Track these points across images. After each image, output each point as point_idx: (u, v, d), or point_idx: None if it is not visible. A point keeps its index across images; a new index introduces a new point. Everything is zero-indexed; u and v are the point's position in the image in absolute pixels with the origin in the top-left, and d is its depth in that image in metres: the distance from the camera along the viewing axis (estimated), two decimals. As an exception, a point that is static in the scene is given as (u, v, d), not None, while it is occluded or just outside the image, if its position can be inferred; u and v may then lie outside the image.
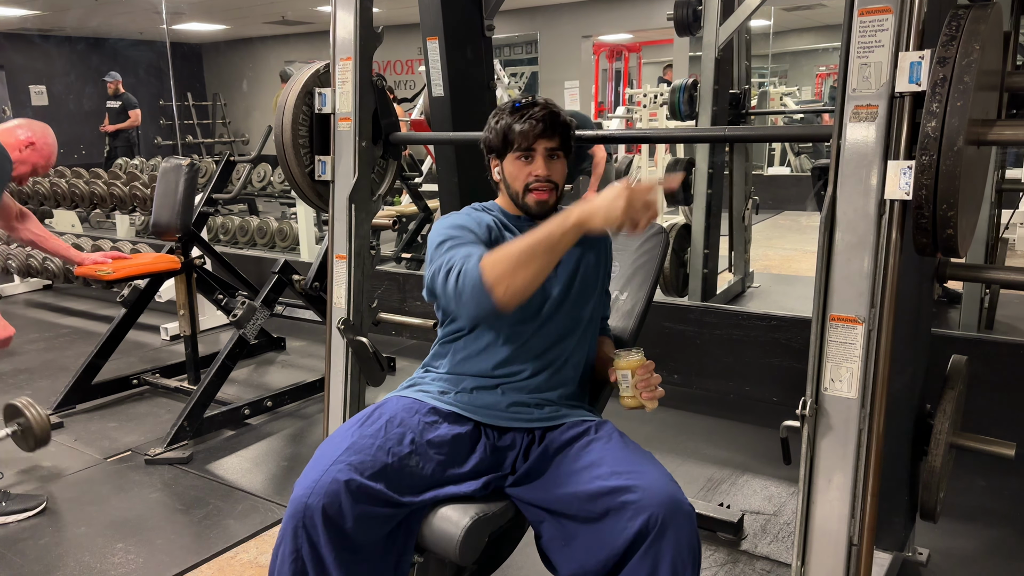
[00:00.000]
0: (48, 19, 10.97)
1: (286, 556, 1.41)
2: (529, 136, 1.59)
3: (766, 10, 9.60)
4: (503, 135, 1.62)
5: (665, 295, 4.25)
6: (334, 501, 1.39)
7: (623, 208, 1.36)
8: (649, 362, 1.58)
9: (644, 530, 1.37)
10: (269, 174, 6.70)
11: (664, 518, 1.36)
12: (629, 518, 1.38)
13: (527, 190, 1.62)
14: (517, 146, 1.61)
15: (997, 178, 3.55)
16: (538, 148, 1.61)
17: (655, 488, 1.40)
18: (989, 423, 2.71)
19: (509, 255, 1.37)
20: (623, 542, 1.38)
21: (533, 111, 1.60)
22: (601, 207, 1.37)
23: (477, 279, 1.37)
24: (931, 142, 1.28)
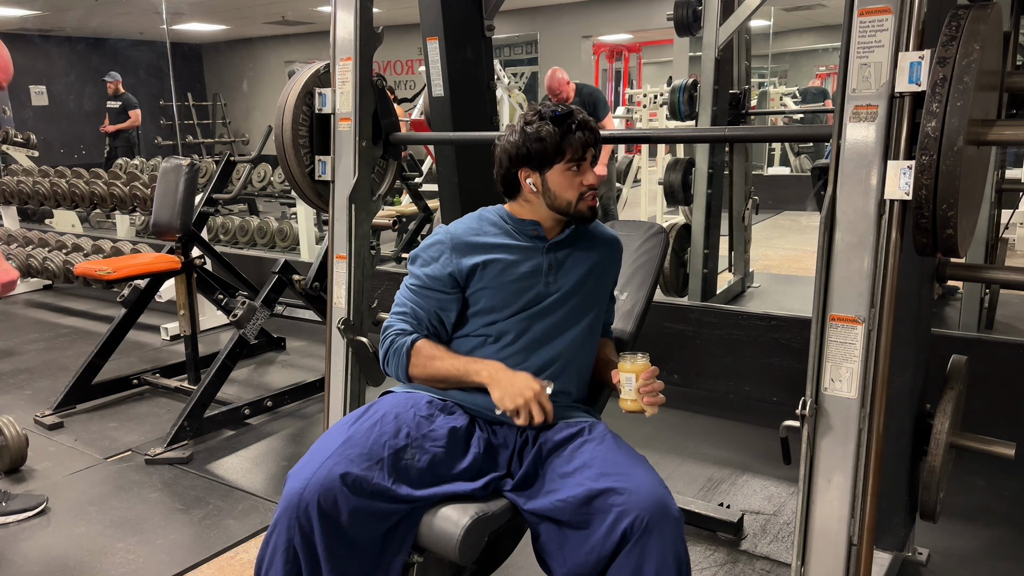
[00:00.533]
0: (48, 19, 10.97)
1: (278, 547, 1.41)
2: (585, 147, 1.60)
3: (766, 10, 9.60)
4: (556, 145, 1.58)
5: (665, 295, 4.25)
6: (329, 494, 1.39)
7: (520, 402, 1.53)
8: (654, 368, 1.58)
9: (629, 531, 1.37)
10: (269, 174, 6.71)
11: (649, 521, 1.36)
12: (615, 520, 1.38)
13: (581, 199, 1.63)
14: (570, 156, 1.59)
15: (997, 178, 3.55)
16: (588, 158, 1.62)
17: (642, 491, 1.40)
18: (989, 423, 2.72)
19: (432, 372, 1.64)
20: (611, 544, 1.38)
21: (578, 120, 1.59)
22: (506, 388, 1.55)
23: (403, 365, 1.66)
24: (931, 142, 1.28)
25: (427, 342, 1.65)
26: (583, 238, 1.72)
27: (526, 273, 1.64)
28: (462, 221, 1.72)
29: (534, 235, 1.67)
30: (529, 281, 1.64)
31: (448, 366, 1.62)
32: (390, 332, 1.68)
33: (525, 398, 1.52)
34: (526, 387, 1.53)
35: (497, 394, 1.55)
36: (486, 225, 1.69)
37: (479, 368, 1.59)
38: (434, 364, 1.63)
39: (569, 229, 1.70)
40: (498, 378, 1.56)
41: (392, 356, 1.67)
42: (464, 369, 1.60)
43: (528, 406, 1.52)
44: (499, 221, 1.70)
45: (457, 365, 1.61)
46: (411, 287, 1.69)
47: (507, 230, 1.68)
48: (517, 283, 1.64)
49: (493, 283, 1.64)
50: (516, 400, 1.53)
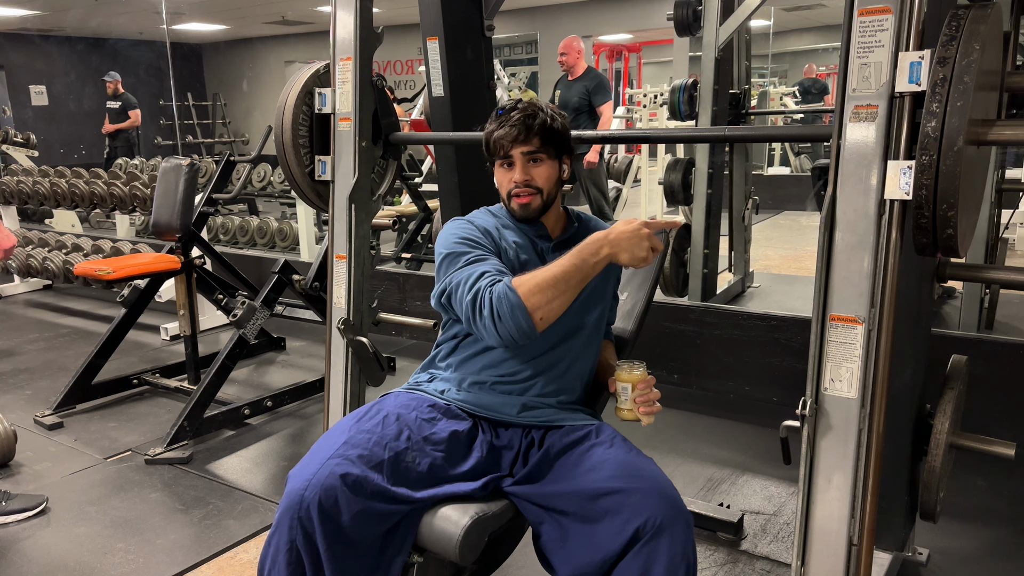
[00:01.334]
0: (48, 19, 10.97)
1: (280, 547, 1.40)
2: (504, 143, 1.59)
3: (766, 10, 9.60)
4: (486, 143, 1.63)
5: (665, 295, 4.25)
6: (330, 495, 1.39)
7: (647, 248, 1.47)
8: (650, 377, 1.57)
9: (640, 532, 1.37)
10: (269, 174, 6.71)
11: (662, 521, 1.37)
12: (626, 520, 1.38)
13: (510, 196, 1.63)
14: (498, 152, 1.61)
15: (997, 178, 3.55)
16: (515, 154, 1.59)
17: (654, 492, 1.41)
18: (989, 423, 2.72)
19: (545, 283, 1.43)
20: (619, 544, 1.38)
21: (511, 117, 1.58)
22: (627, 245, 1.46)
23: (518, 304, 1.42)
24: (931, 142, 1.28)
25: (518, 276, 1.48)
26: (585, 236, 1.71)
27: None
28: (476, 214, 1.71)
29: (540, 235, 1.68)
30: None
31: (559, 270, 1.44)
32: (480, 292, 1.46)
33: (647, 240, 1.46)
34: (640, 235, 1.45)
35: (627, 257, 1.46)
36: (501, 220, 1.69)
37: (593, 249, 1.45)
38: (544, 277, 1.44)
39: (572, 228, 1.70)
40: (617, 244, 1.45)
41: (500, 305, 1.43)
42: (579, 258, 1.45)
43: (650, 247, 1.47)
44: (507, 221, 1.69)
45: (566, 263, 1.45)
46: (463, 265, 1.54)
47: (513, 228, 1.68)
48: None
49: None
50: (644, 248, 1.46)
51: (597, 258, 1.46)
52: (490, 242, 1.61)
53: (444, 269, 1.58)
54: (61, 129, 12.18)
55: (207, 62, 14.67)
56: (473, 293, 1.48)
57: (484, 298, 1.46)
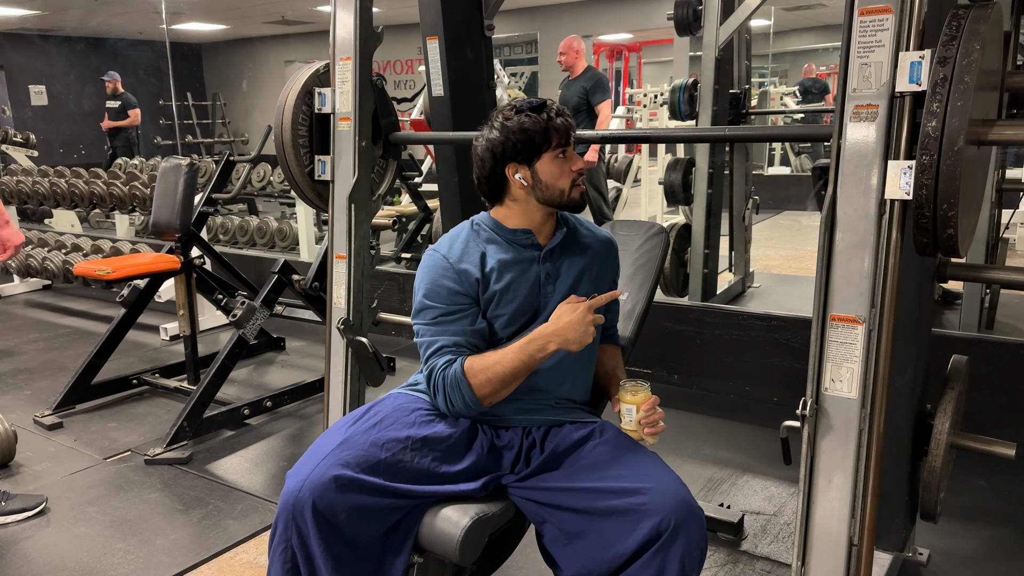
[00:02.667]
0: (48, 19, 10.97)
1: (276, 547, 1.42)
2: (568, 132, 1.57)
3: (766, 10, 9.60)
4: (543, 133, 1.54)
5: (665, 295, 4.25)
6: (324, 495, 1.39)
7: (592, 332, 1.50)
8: (654, 398, 1.55)
9: (655, 534, 1.36)
10: (269, 174, 6.71)
11: (677, 522, 1.36)
12: (639, 521, 1.38)
13: (573, 185, 1.59)
14: (557, 143, 1.56)
15: (997, 178, 3.55)
16: (571, 143, 1.60)
17: (667, 492, 1.40)
18: (989, 423, 2.72)
19: (495, 378, 1.50)
20: (632, 544, 1.38)
21: (556, 108, 1.57)
22: (575, 336, 1.49)
23: (470, 397, 1.52)
24: (931, 142, 1.28)
25: (474, 357, 1.53)
26: (576, 241, 1.68)
27: (525, 291, 1.60)
28: (454, 240, 1.63)
29: (528, 244, 1.62)
30: (529, 298, 1.60)
31: (509, 363, 1.49)
32: (434, 373, 1.54)
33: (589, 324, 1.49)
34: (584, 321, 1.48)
35: (576, 347, 1.49)
36: (482, 242, 1.62)
37: (540, 345, 1.49)
38: (495, 370, 1.50)
39: (561, 233, 1.65)
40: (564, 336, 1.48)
41: (452, 391, 1.52)
42: (527, 356, 1.49)
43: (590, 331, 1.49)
44: (491, 235, 1.63)
45: (516, 357, 1.50)
46: (431, 323, 1.57)
47: (500, 243, 1.62)
48: (518, 302, 1.59)
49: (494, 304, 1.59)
50: (590, 333, 1.49)
51: (545, 353, 1.50)
52: (466, 285, 1.56)
53: (416, 311, 1.60)
54: (61, 129, 12.18)
55: (207, 62, 14.67)
56: (429, 370, 1.56)
57: (437, 378, 1.54)
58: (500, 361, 1.50)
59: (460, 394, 1.51)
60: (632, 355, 1.95)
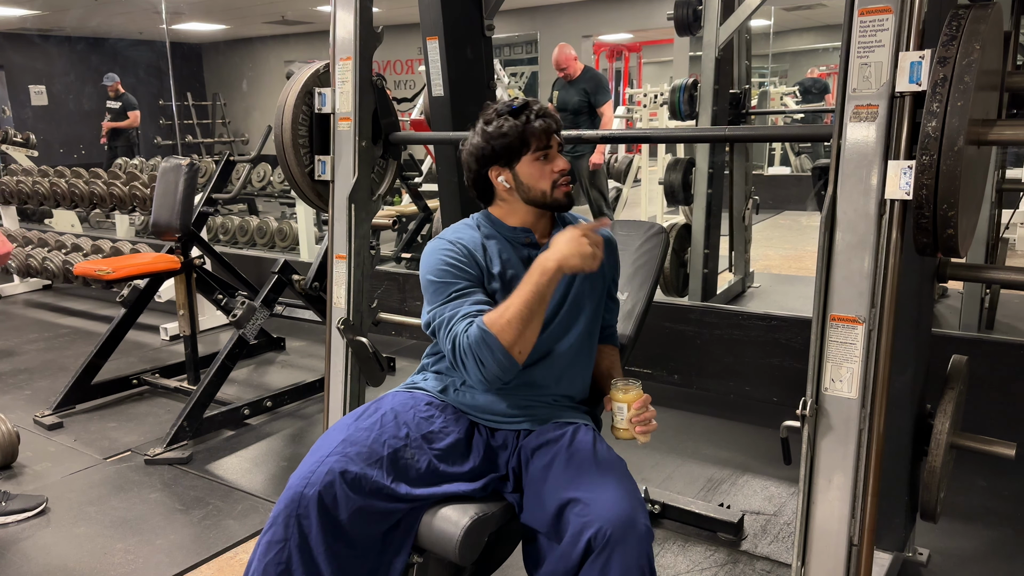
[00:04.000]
0: (48, 19, 10.96)
1: (271, 545, 1.40)
2: (548, 133, 1.57)
3: (766, 10, 9.60)
4: (520, 137, 1.56)
5: (665, 295, 4.25)
6: (329, 491, 1.39)
7: (588, 246, 1.46)
8: (646, 396, 1.55)
9: (592, 543, 1.35)
10: (269, 174, 6.71)
11: (612, 534, 1.34)
12: (580, 530, 1.37)
13: (555, 186, 1.60)
14: (536, 146, 1.57)
15: (997, 178, 3.55)
16: (553, 144, 1.59)
17: (607, 503, 1.38)
18: (989, 423, 2.72)
19: (514, 319, 1.45)
20: (576, 555, 1.37)
21: (536, 110, 1.58)
22: (568, 250, 1.46)
23: (497, 346, 1.45)
24: (931, 142, 1.28)
25: (486, 315, 1.48)
26: None
27: None
28: (458, 231, 1.64)
29: (527, 242, 1.64)
30: None
31: (520, 303, 1.45)
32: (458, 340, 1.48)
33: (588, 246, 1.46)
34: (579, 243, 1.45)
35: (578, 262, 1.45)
36: (482, 237, 1.63)
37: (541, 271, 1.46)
38: (512, 311, 1.45)
39: (557, 231, 1.64)
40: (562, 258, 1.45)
41: (480, 350, 1.46)
42: (534, 287, 1.45)
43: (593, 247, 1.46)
44: (492, 231, 1.65)
45: (525, 293, 1.45)
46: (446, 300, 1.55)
47: (501, 240, 1.64)
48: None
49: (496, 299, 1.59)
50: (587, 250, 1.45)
51: (548, 275, 1.45)
52: (474, 266, 1.58)
53: (429, 298, 1.57)
54: (61, 129, 12.17)
55: (207, 62, 14.66)
56: (452, 340, 1.50)
57: (463, 344, 1.48)
58: (512, 301, 1.46)
59: (489, 349, 1.45)
60: (632, 355, 1.95)
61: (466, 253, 1.59)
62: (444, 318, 1.53)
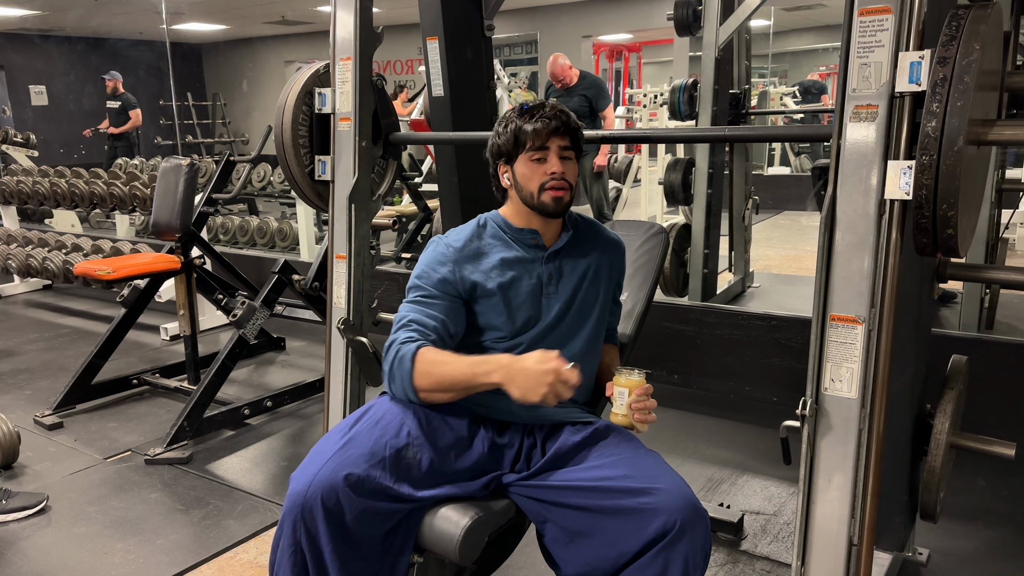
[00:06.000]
0: (48, 19, 10.97)
1: (285, 549, 1.42)
2: (543, 134, 1.57)
3: (766, 10, 9.60)
4: (515, 136, 1.59)
5: (665, 295, 4.25)
6: (332, 494, 1.39)
7: (545, 394, 1.39)
8: (648, 386, 1.56)
9: (661, 534, 1.37)
10: (269, 174, 6.71)
11: (683, 522, 1.37)
12: (646, 520, 1.38)
13: (542, 189, 1.58)
14: (530, 145, 1.57)
15: (997, 178, 3.55)
16: (551, 146, 1.58)
17: (674, 492, 1.41)
18: (989, 423, 2.72)
19: (441, 377, 1.48)
20: (638, 543, 1.38)
21: (544, 111, 1.59)
22: (522, 383, 1.41)
23: (408, 380, 1.50)
24: (931, 142, 1.28)
25: (432, 348, 1.51)
26: (582, 242, 1.70)
27: (527, 290, 1.62)
28: (461, 232, 1.67)
29: (533, 244, 1.64)
30: (530, 298, 1.62)
31: (455, 371, 1.47)
32: (393, 345, 1.54)
33: (547, 386, 1.39)
34: (544, 375, 1.39)
35: (517, 393, 1.41)
36: (486, 238, 1.65)
37: (488, 369, 1.45)
38: (441, 369, 1.48)
39: (567, 235, 1.67)
40: (512, 376, 1.42)
41: (396, 368, 1.51)
42: (472, 372, 1.46)
43: (552, 393, 1.40)
44: (498, 232, 1.66)
45: (464, 369, 1.47)
46: (413, 300, 1.61)
47: (506, 241, 1.65)
48: (519, 300, 1.61)
49: (495, 302, 1.60)
50: (539, 392, 1.39)
51: (487, 381, 1.45)
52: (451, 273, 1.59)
53: (406, 292, 1.64)
54: (61, 129, 12.18)
55: (207, 62, 14.67)
56: (391, 340, 1.55)
57: (392, 352, 1.53)
58: (449, 364, 1.48)
59: (401, 375, 1.50)
60: (632, 355, 1.96)
61: (450, 258, 1.61)
62: (400, 317, 1.59)
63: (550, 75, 5.62)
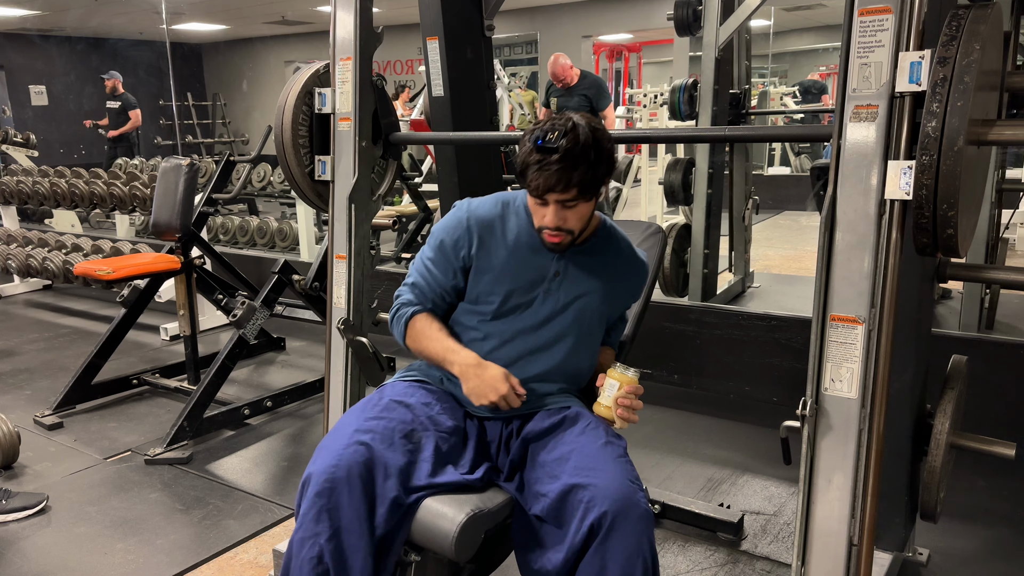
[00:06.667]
0: (48, 19, 10.97)
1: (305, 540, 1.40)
2: (540, 189, 1.48)
3: (766, 10, 9.60)
4: (521, 171, 1.51)
5: (665, 295, 4.25)
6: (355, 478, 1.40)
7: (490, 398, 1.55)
8: (639, 386, 1.55)
9: (596, 527, 1.37)
10: (269, 174, 6.71)
11: (615, 516, 1.36)
12: (583, 514, 1.38)
13: (541, 230, 1.56)
14: (532, 190, 1.51)
15: (997, 178, 3.55)
16: (550, 199, 1.50)
17: (610, 486, 1.40)
18: (989, 423, 2.72)
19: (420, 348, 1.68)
20: (579, 539, 1.38)
21: (550, 158, 1.44)
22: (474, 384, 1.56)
23: (402, 335, 1.71)
24: (931, 142, 1.28)
25: (425, 317, 1.68)
26: (603, 253, 1.66)
27: (528, 278, 1.61)
28: (486, 202, 1.67)
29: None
30: (527, 285, 1.61)
31: (432, 348, 1.64)
32: (399, 300, 1.73)
33: (491, 399, 1.54)
34: (492, 388, 1.54)
35: (466, 388, 1.57)
36: (510, 215, 1.64)
37: (453, 359, 1.60)
38: (423, 342, 1.66)
39: (591, 242, 1.65)
40: (467, 374, 1.57)
41: (396, 323, 1.72)
42: (442, 357, 1.62)
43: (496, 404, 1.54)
44: (523, 214, 1.64)
45: (438, 350, 1.63)
46: (426, 259, 1.69)
47: (526, 226, 1.63)
48: (515, 284, 1.61)
49: (492, 277, 1.61)
50: (483, 399, 1.55)
51: (451, 369, 1.61)
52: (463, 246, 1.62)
53: (425, 245, 1.73)
54: (61, 129, 12.17)
55: (207, 62, 14.66)
56: (398, 295, 1.74)
57: (397, 308, 1.73)
58: (431, 340, 1.65)
59: (398, 330, 1.72)
60: (632, 355, 1.95)
61: (464, 225, 1.64)
62: (413, 271, 1.73)
63: (551, 75, 5.64)
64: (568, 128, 1.46)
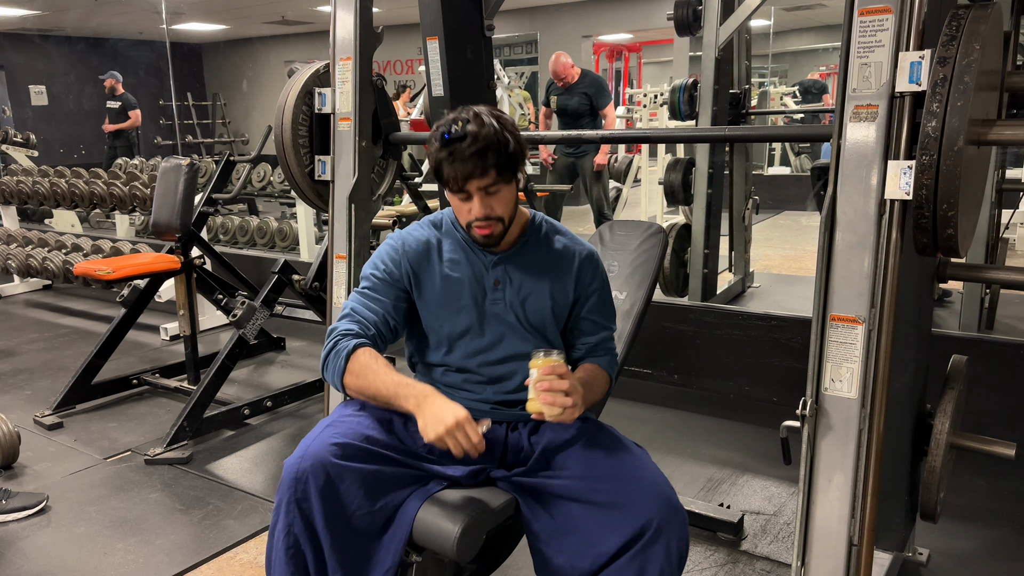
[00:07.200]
0: (48, 19, 10.96)
1: (279, 534, 1.41)
2: (459, 179, 1.45)
3: (766, 10, 9.60)
4: (435, 170, 1.47)
5: (665, 295, 4.25)
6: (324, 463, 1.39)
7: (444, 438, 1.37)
8: (556, 364, 1.41)
9: (638, 533, 1.37)
10: (269, 174, 6.71)
11: (660, 522, 1.37)
12: (623, 519, 1.38)
13: (470, 226, 1.52)
14: (450, 186, 1.47)
15: (997, 178, 3.55)
16: (471, 189, 1.46)
17: (652, 492, 1.41)
18: (989, 423, 2.71)
19: (366, 385, 1.49)
20: (616, 542, 1.38)
21: (460, 147, 1.42)
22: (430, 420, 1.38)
23: (338, 375, 1.52)
24: (931, 142, 1.28)
25: (370, 351, 1.51)
26: (539, 251, 1.62)
27: (469, 295, 1.58)
28: (416, 228, 1.65)
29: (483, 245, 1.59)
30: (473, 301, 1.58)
31: (381, 384, 1.47)
32: (334, 334, 1.54)
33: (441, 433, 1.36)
34: (443, 421, 1.36)
35: (421, 424, 1.40)
36: (441, 235, 1.62)
37: (407, 393, 1.44)
38: (368, 377, 1.48)
39: (522, 241, 1.61)
40: (422, 407, 1.41)
41: (332, 359, 1.52)
42: (393, 392, 1.45)
43: (447, 439, 1.36)
44: (451, 230, 1.62)
45: (388, 384, 1.46)
46: (360, 291, 1.61)
47: (457, 240, 1.61)
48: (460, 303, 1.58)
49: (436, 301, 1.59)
50: (435, 431, 1.36)
51: (404, 405, 1.44)
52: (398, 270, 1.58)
53: (360, 280, 1.64)
54: (61, 129, 12.17)
55: (207, 62, 14.66)
56: (332, 328, 1.57)
57: (329, 343, 1.55)
58: (378, 375, 1.48)
59: (335, 366, 1.52)
60: (632, 355, 1.95)
61: (400, 252, 1.60)
62: (347, 307, 1.60)
63: (552, 73, 5.66)
64: (470, 117, 1.45)
